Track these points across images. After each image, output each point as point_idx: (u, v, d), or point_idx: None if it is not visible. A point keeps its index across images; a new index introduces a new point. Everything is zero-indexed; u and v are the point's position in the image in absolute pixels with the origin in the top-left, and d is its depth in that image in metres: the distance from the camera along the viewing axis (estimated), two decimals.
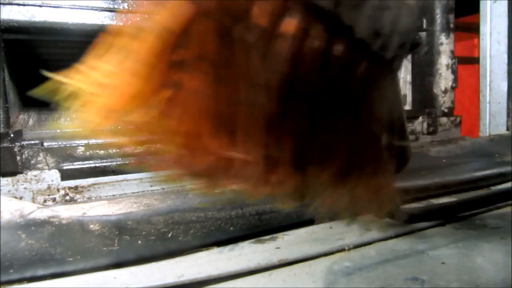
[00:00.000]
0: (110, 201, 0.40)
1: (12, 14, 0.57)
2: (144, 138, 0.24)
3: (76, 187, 0.55)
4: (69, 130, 0.60)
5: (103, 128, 0.24)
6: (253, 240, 0.40)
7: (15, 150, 0.53)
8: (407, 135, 0.34)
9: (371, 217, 0.43)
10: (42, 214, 0.35)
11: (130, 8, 0.63)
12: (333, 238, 0.40)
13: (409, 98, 1.00)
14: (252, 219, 0.40)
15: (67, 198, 0.54)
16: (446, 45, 0.95)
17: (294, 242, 0.39)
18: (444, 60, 0.95)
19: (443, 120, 0.95)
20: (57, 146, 0.57)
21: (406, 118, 0.35)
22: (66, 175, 0.56)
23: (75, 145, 0.58)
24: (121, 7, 0.63)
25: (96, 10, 0.61)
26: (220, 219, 0.39)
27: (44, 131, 0.58)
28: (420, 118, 0.92)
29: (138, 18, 0.69)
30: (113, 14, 0.62)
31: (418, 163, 0.57)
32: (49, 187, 0.54)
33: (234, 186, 0.39)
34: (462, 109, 1.10)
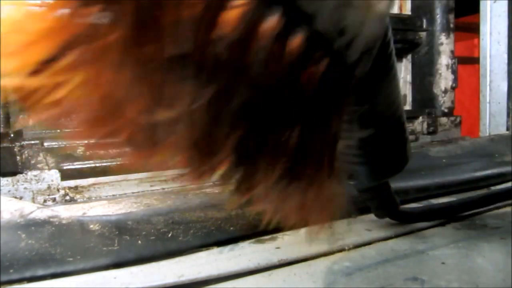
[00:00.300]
0: (110, 201, 0.40)
1: None
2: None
3: (76, 187, 0.55)
4: (69, 130, 0.60)
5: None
6: (253, 240, 0.40)
7: (15, 150, 0.53)
8: (407, 135, 0.34)
9: (371, 217, 0.43)
10: (42, 214, 0.35)
11: None
12: (333, 238, 0.40)
13: (409, 98, 1.00)
14: (252, 219, 0.41)
15: (67, 198, 0.54)
16: (446, 45, 0.95)
17: (294, 242, 0.39)
18: (444, 60, 0.95)
19: (443, 120, 0.95)
20: (57, 146, 0.57)
21: (406, 118, 0.35)
22: (66, 175, 0.56)
23: (75, 145, 0.58)
24: None
25: None
26: (220, 219, 0.39)
27: (44, 131, 0.58)
28: (420, 118, 0.92)
29: None
30: None
31: (418, 163, 0.57)
32: (49, 187, 0.54)
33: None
34: (462, 109, 1.10)
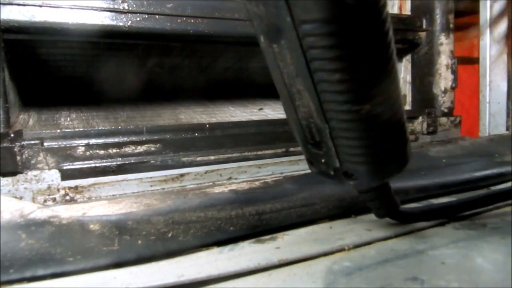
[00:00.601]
0: (110, 201, 0.40)
1: (12, 14, 0.56)
2: None
3: (76, 187, 0.55)
4: (69, 130, 0.60)
5: None
6: (253, 240, 0.40)
7: (15, 150, 0.53)
8: (407, 136, 0.34)
9: (371, 217, 0.43)
10: (42, 214, 0.35)
11: (130, 8, 0.63)
12: (333, 238, 0.40)
13: (409, 98, 1.00)
14: (252, 219, 0.40)
15: (67, 198, 0.54)
16: (446, 45, 0.95)
17: (294, 242, 0.39)
18: (444, 60, 0.95)
19: (443, 120, 0.95)
20: (57, 146, 0.57)
21: (406, 118, 0.35)
22: (66, 175, 0.56)
23: (75, 145, 0.58)
24: (121, 7, 0.63)
25: (96, 10, 0.61)
26: (220, 219, 0.39)
27: (44, 131, 0.58)
28: (420, 118, 0.92)
29: (138, 18, 0.69)
30: (113, 14, 0.62)
31: (418, 163, 0.57)
32: (49, 187, 0.54)
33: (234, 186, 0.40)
34: (462, 109, 1.10)
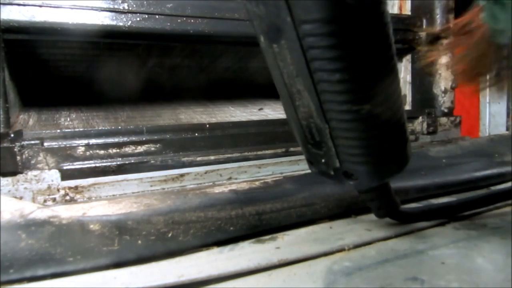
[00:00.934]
0: (110, 201, 0.40)
1: (12, 14, 0.56)
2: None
3: (76, 187, 0.55)
4: (69, 130, 0.60)
5: None
6: (253, 240, 0.40)
7: (15, 150, 0.53)
8: (408, 136, 0.34)
9: (371, 217, 0.43)
10: (42, 214, 0.35)
11: (130, 8, 0.63)
12: (333, 238, 0.40)
13: (408, 98, 1.00)
14: (252, 219, 0.40)
15: (67, 198, 0.54)
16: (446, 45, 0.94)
17: (294, 242, 0.39)
18: (444, 60, 0.95)
19: (443, 120, 0.95)
20: (57, 146, 0.57)
21: (406, 118, 0.35)
22: (66, 175, 0.56)
23: (75, 145, 0.58)
24: (121, 7, 0.63)
25: (96, 10, 0.61)
26: (220, 219, 0.39)
27: (44, 131, 0.58)
28: (420, 118, 0.92)
29: (138, 18, 0.68)
30: (113, 14, 0.62)
31: (418, 163, 0.57)
32: (49, 187, 0.54)
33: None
34: (462, 109, 1.10)
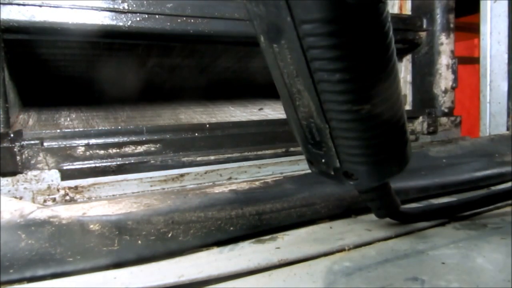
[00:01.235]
0: (110, 201, 0.40)
1: (12, 14, 0.56)
2: None
3: (76, 187, 0.55)
4: (69, 130, 0.60)
5: None
6: (253, 240, 0.40)
7: (15, 150, 0.53)
8: (408, 136, 0.34)
9: (371, 217, 0.43)
10: (42, 214, 0.35)
11: (130, 8, 0.63)
12: (333, 238, 0.40)
13: (409, 98, 1.00)
14: (252, 219, 0.40)
15: (67, 198, 0.54)
16: (446, 45, 0.95)
17: (294, 242, 0.39)
18: (444, 60, 0.95)
19: (443, 120, 0.95)
20: (57, 146, 0.57)
21: (406, 118, 0.35)
22: (66, 175, 0.56)
23: (75, 145, 0.58)
24: (121, 7, 0.63)
25: (96, 10, 0.61)
26: (220, 219, 0.39)
27: (44, 131, 0.58)
28: (420, 118, 0.92)
29: (138, 18, 0.69)
30: (113, 14, 0.62)
31: (418, 163, 0.57)
32: (49, 187, 0.54)
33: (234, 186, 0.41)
34: (462, 109, 1.10)
